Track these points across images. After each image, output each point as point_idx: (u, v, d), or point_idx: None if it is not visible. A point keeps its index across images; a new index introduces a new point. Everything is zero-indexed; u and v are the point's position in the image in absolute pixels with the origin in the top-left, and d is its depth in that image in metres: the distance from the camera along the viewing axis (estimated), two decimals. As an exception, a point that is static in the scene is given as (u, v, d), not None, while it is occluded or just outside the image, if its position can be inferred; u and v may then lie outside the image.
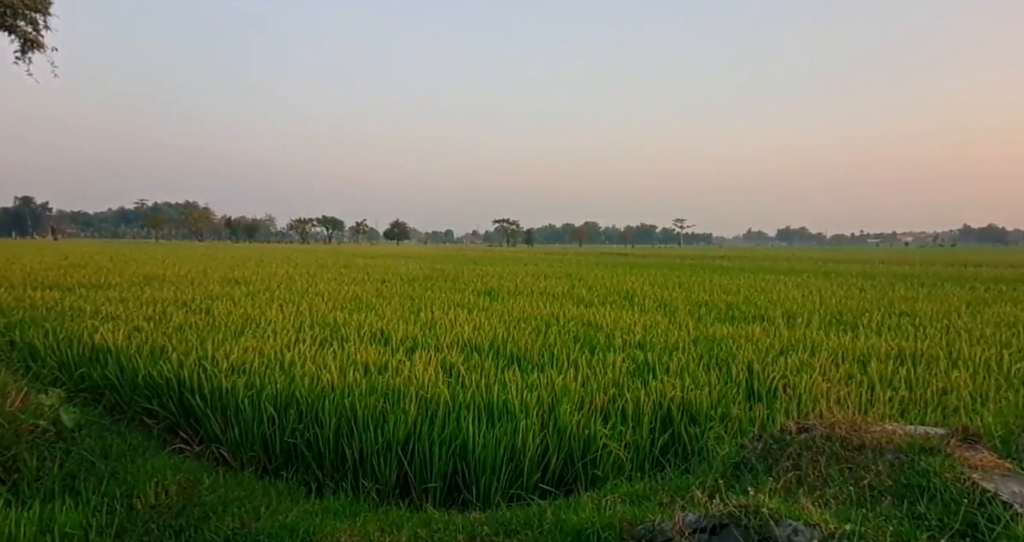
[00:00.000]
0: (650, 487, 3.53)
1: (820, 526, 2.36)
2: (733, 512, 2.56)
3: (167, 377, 5.68)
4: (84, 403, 5.67)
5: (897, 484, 2.72)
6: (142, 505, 3.74)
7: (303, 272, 20.83)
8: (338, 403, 4.89)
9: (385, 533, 3.33)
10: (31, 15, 12.82)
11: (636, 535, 2.81)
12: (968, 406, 5.06)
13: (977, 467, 2.72)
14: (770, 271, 26.24)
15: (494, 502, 4.19)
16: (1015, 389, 5.55)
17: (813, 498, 2.67)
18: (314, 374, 5.56)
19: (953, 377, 5.83)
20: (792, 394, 5.27)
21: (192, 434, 5.23)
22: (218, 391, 5.31)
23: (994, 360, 6.61)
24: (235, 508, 3.77)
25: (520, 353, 6.81)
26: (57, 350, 6.88)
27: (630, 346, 7.25)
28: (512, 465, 4.35)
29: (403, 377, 5.54)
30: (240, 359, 6.10)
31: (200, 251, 50.60)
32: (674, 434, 4.71)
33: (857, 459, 2.98)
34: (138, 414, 5.64)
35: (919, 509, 2.52)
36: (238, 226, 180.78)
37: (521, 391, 5.11)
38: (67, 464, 4.27)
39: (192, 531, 3.52)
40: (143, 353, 6.43)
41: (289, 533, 3.39)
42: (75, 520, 3.42)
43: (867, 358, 6.69)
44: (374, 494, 4.33)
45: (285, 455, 4.85)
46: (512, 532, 3.21)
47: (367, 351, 6.54)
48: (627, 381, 5.53)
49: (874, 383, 5.61)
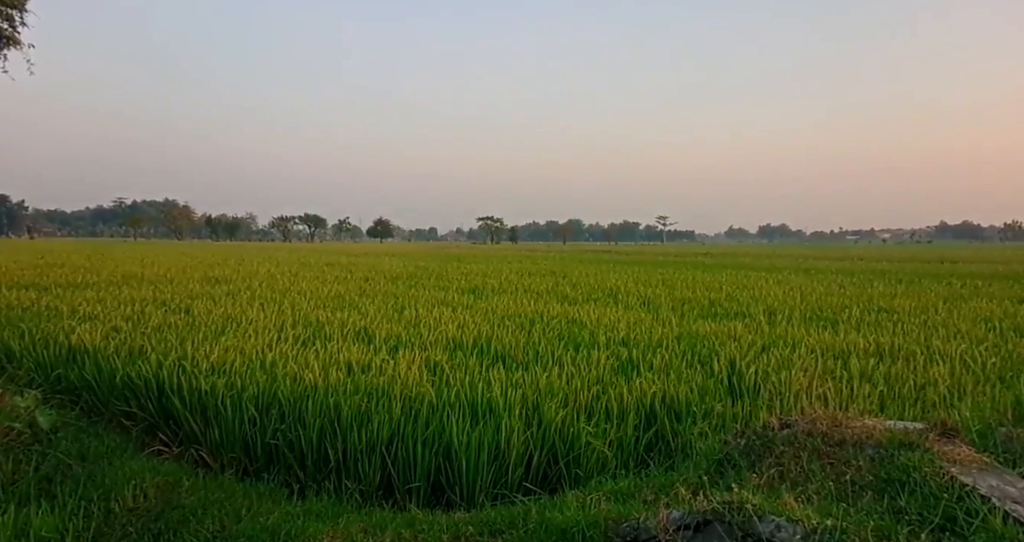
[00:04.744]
0: (635, 484, 3.53)
1: (802, 522, 2.38)
2: (717, 509, 2.57)
3: (146, 378, 5.58)
4: (61, 405, 5.56)
5: (877, 479, 2.75)
6: (120, 508, 3.67)
7: (285, 270, 20.64)
8: (321, 403, 4.84)
9: (368, 534, 3.30)
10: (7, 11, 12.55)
11: (621, 533, 2.81)
12: (946, 401, 5.14)
13: (955, 461, 2.76)
14: (752, 268, 26.46)
15: (478, 501, 4.17)
16: (992, 384, 5.64)
17: (795, 494, 2.69)
18: (296, 374, 5.50)
19: (931, 372, 5.91)
20: (774, 390, 5.31)
21: (171, 436, 5.15)
22: (198, 392, 5.23)
23: (971, 355, 6.71)
24: (215, 511, 3.71)
25: (504, 351, 6.80)
26: (33, 351, 6.75)
27: (614, 343, 7.26)
28: (496, 464, 4.34)
29: (387, 376, 5.50)
30: (220, 359, 6.02)
31: (180, 250, 49.97)
32: (658, 431, 4.72)
33: (838, 454, 3.01)
34: (116, 416, 5.55)
35: (899, 503, 2.54)
36: (219, 224, 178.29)
37: (505, 389, 5.10)
38: (43, 467, 4.18)
39: (171, 534, 3.46)
40: (121, 354, 6.33)
41: (270, 535, 3.35)
42: (51, 524, 3.35)
43: (847, 354, 6.76)
44: (357, 495, 4.29)
45: (266, 456, 4.80)
46: (497, 531, 3.20)
47: (350, 350, 6.49)
48: (611, 378, 5.54)
49: (854, 378, 5.66)
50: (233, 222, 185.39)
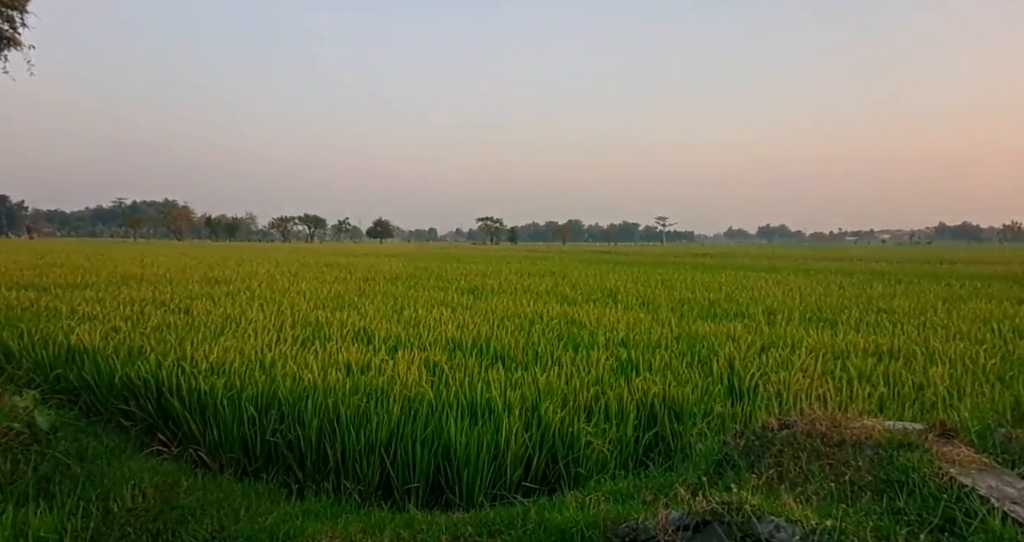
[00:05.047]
0: (634, 485, 3.53)
1: (801, 522, 2.38)
2: (716, 509, 2.57)
3: (145, 378, 5.58)
4: (60, 405, 5.56)
5: (877, 479, 2.75)
6: (118, 508, 3.67)
7: (284, 271, 20.64)
8: (320, 403, 4.83)
9: (367, 534, 3.30)
10: (7, 12, 12.56)
11: (620, 533, 2.81)
12: (945, 401, 5.13)
13: (955, 462, 2.76)
14: (751, 269, 26.48)
15: (477, 502, 4.17)
16: (991, 384, 5.64)
17: (795, 494, 2.69)
18: (295, 374, 5.50)
19: (930, 373, 5.91)
20: (773, 391, 5.31)
21: (170, 436, 5.15)
22: (197, 392, 5.23)
23: (970, 356, 6.71)
24: (214, 511, 3.71)
25: (504, 351, 6.80)
26: (32, 351, 6.75)
27: (613, 344, 7.26)
28: (495, 464, 4.33)
29: (386, 376, 5.49)
30: (220, 359, 6.02)
31: (179, 250, 49.96)
32: (657, 432, 4.72)
33: (837, 455, 3.01)
34: (115, 416, 5.55)
35: (898, 504, 2.55)
36: (218, 225, 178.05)
37: (505, 389, 5.10)
38: (42, 467, 4.18)
39: (169, 535, 3.46)
40: (120, 354, 6.32)
41: (269, 536, 3.34)
42: (50, 524, 3.35)
43: (846, 354, 6.77)
44: (356, 495, 4.29)
45: (265, 456, 4.80)
46: (496, 532, 3.20)
47: (349, 350, 6.49)
48: (610, 379, 5.54)
49: (853, 379, 5.66)
50: (233, 222, 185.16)
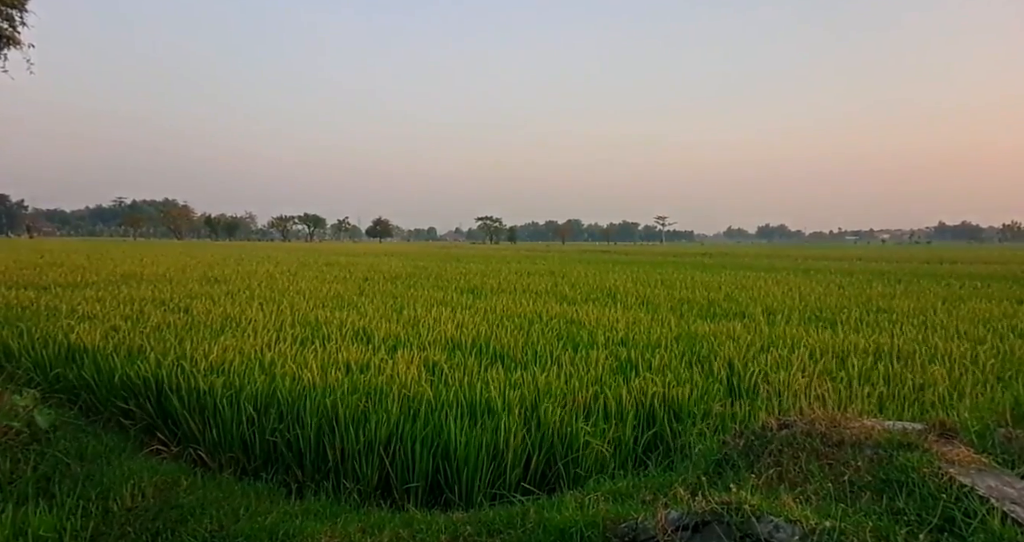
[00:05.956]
0: (633, 485, 3.53)
1: (801, 522, 2.38)
2: (715, 509, 2.56)
3: (144, 377, 5.58)
4: (59, 404, 5.56)
5: (876, 479, 2.75)
6: (118, 508, 3.66)
7: (284, 270, 20.63)
8: (319, 403, 4.83)
9: (366, 534, 3.30)
10: (7, 11, 12.53)
11: (619, 533, 2.80)
12: (945, 401, 5.14)
13: (954, 462, 2.76)
14: (750, 268, 26.47)
15: (476, 501, 4.17)
16: (990, 384, 5.65)
17: (794, 494, 2.69)
18: (295, 373, 5.50)
19: (930, 373, 5.92)
20: (773, 390, 5.31)
21: (170, 435, 5.15)
22: (196, 391, 5.23)
23: (969, 356, 6.72)
24: (213, 510, 3.70)
25: (503, 351, 6.80)
26: (32, 350, 6.74)
27: (613, 343, 7.26)
28: (495, 464, 4.33)
29: (385, 376, 5.50)
30: (219, 359, 6.02)
31: (179, 249, 49.93)
32: (656, 431, 4.72)
33: (837, 455, 3.01)
34: (115, 415, 5.54)
35: (898, 504, 2.54)
36: (218, 224, 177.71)
37: (504, 389, 5.10)
38: (41, 466, 4.17)
39: (169, 534, 3.46)
40: (120, 353, 6.32)
41: (268, 535, 3.34)
42: (49, 523, 3.35)
43: (846, 354, 6.77)
44: (355, 495, 4.29)
45: (265, 456, 4.79)
46: (495, 531, 3.20)
47: (349, 350, 6.49)
48: (610, 379, 5.54)
49: (852, 379, 5.67)
50: (232, 222, 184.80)
